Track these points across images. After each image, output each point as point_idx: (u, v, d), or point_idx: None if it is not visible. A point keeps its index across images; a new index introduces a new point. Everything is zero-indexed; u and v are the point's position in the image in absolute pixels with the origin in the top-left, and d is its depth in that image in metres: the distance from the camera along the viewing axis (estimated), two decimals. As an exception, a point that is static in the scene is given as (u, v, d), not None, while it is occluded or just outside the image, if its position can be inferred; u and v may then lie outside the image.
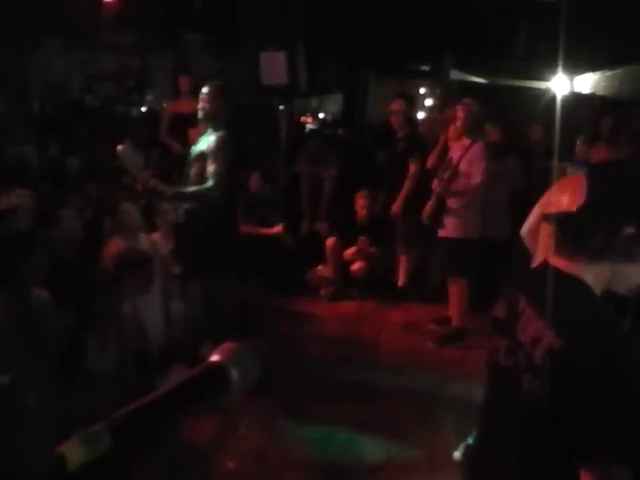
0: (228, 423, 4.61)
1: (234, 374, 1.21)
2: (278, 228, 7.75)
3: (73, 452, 0.95)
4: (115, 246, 5.46)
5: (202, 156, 5.40)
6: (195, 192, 5.38)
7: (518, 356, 1.69)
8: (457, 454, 3.92)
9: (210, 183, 5.32)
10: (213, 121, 5.47)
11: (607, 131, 7.19)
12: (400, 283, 7.60)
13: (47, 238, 5.18)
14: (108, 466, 0.97)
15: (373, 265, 7.71)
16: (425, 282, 7.58)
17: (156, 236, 5.96)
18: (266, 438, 4.59)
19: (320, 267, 7.78)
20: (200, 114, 5.50)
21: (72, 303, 4.34)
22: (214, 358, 1.22)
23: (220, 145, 5.36)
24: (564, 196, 3.35)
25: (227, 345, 1.26)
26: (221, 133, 5.41)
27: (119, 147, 5.23)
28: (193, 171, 5.47)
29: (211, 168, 5.33)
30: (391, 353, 6.10)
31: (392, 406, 5.05)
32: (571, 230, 1.69)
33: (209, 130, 5.50)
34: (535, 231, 3.74)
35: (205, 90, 5.47)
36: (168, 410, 1.10)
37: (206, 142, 5.44)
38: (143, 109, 11.29)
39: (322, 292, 7.59)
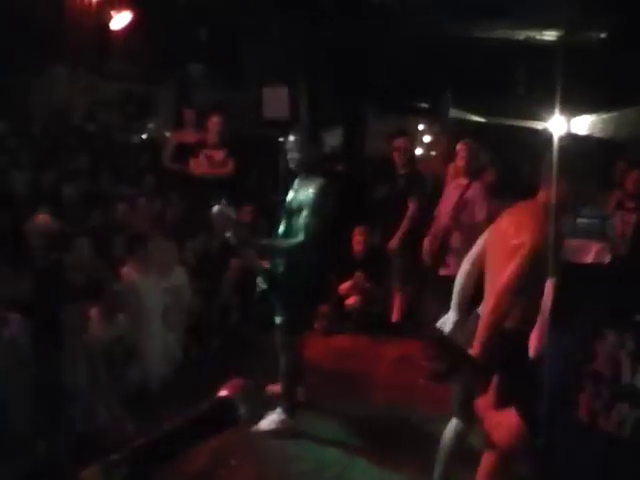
0: (219, 454, 4.60)
1: (242, 409, 1.25)
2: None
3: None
4: (126, 276, 5.52)
5: (301, 207, 5.00)
6: (285, 247, 5.08)
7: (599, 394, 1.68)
8: None
9: (300, 238, 4.93)
10: (307, 170, 5.11)
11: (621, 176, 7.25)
12: (394, 319, 7.62)
13: (59, 265, 5.27)
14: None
15: (368, 300, 7.74)
16: (419, 318, 7.60)
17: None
18: (256, 470, 4.60)
19: (315, 300, 7.80)
20: (291, 164, 5.17)
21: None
22: (223, 393, 1.27)
23: (320, 196, 4.94)
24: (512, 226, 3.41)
25: (235, 381, 1.30)
26: (321, 181, 5.01)
27: (214, 208, 4.99)
28: (293, 222, 5.10)
29: (306, 220, 4.92)
30: (384, 388, 6.12)
31: (383, 441, 5.08)
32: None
33: (301, 177, 5.17)
34: (479, 260, 3.82)
35: (292, 138, 5.11)
36: (181, 442, 1.14)
37: (304, 191, 5.04)
38: (143, 136, 11.34)
39: (316, 326, 7.60)
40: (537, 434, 1.90)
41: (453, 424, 4.03)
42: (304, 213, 4.95)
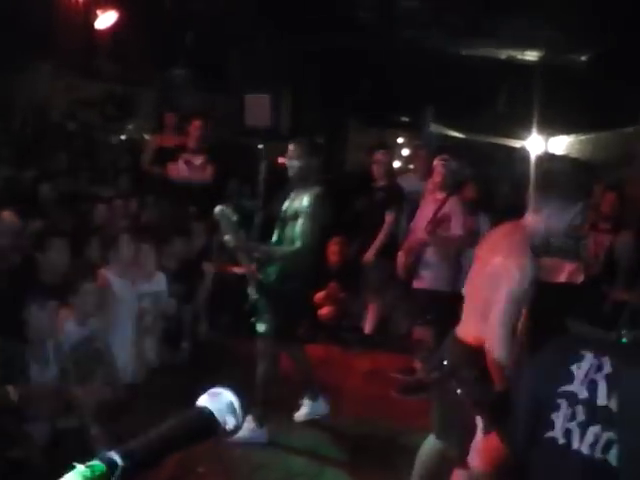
0: (187, 461, 4.58)
1: (222, 418, 1.26)
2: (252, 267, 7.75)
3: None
4: (102, 277, 5.49)
5: (296, 215, 5.03)
6: (281, 254, 5.11)
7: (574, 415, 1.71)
8: None
9: (298, 244, 4.98)
10: (304, 180, 5.12)
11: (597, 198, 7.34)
12: (367, 330, 7.63)
13: (29, 264, 5.23)
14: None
15: (341, 310, 7.75)
16: (392, 331, 7.63)
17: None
18: (224, 478, 4.59)
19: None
20: (290, 172, 5.16)
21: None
22: (204, 402, 1.28)
23: (316, 204, 4.99)
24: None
25: (215, 390, 1.31)
26: (317, 190, 5.05)
27: (216, 209, 4.99)
28: (287, 230, 5.12)
29: (302, 228, 4.96)
30: (354, 399, 6.12)
31: (353, 452, 5.10)
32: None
33: (299, 187, 5.17)
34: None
35: (292, 147, 5.12)
36: (162, 448, 1.15)
37: (300, 200, 5.06)
38: (122, 137, 11.30)
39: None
40: (516, 454, 1.91)
41: (432, 442, 3.91)
42: (300, 221, 4.99)
